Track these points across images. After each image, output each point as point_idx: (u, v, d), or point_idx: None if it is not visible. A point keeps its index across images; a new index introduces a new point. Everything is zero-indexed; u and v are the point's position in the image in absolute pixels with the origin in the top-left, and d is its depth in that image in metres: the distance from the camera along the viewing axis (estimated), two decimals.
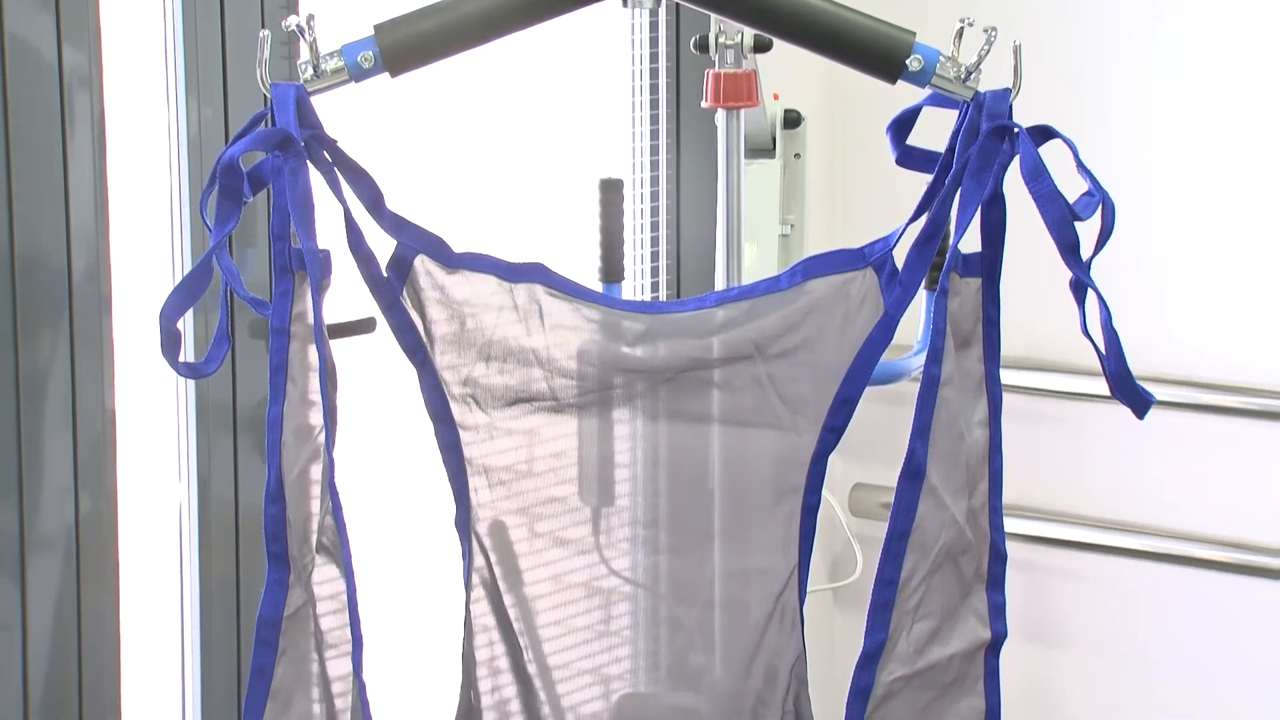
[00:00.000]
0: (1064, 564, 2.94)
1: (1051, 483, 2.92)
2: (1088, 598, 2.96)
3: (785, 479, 1.63)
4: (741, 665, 1.66)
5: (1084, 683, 2.98)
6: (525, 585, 1.68)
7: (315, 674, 1.60)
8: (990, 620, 1.58)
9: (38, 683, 2.09)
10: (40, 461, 2.06)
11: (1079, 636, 2.98)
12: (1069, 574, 2.95)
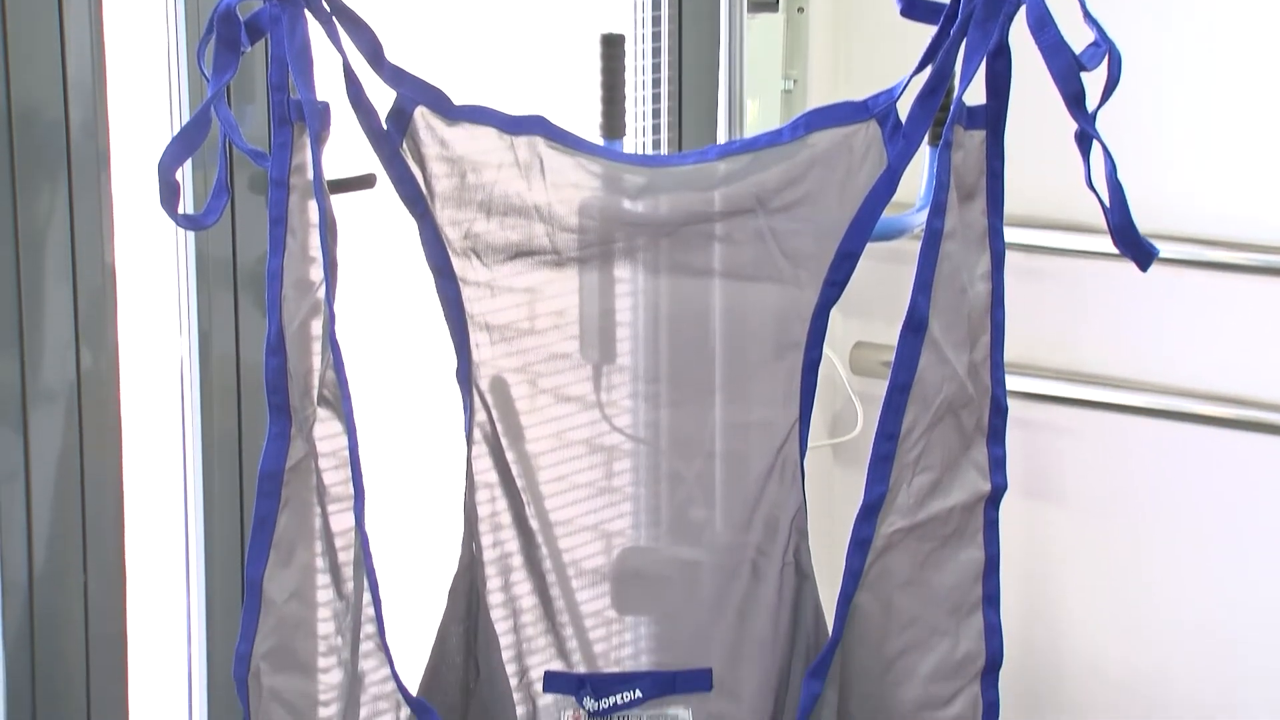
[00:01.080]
0: (1063, 421, 2.95)
1: (1051, 340, 2.92)
2: (1087, 455, 2.97)
3: (786, 333, 1.63)
4: (742, 518, 1.67)
5: (1082, 539, 3.00)
6: (527, 442, 1.69)
7: (318, 527, 1.60)
8: (990, 473, 1.59)
9: (41, 534, 2.10)
10: (40, 316, 2.06)
11: (1077, 493, 2.99)
12: (1068, 431, 2.96)
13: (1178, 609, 2.93)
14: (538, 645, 1.72)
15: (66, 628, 2.14)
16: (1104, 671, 2.99)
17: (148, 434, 2.23)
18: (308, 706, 1.60)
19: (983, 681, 1.61)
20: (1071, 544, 3.01)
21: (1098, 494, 2.97)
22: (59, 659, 2.14)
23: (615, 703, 1.67)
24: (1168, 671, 2.95)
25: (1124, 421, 2.88)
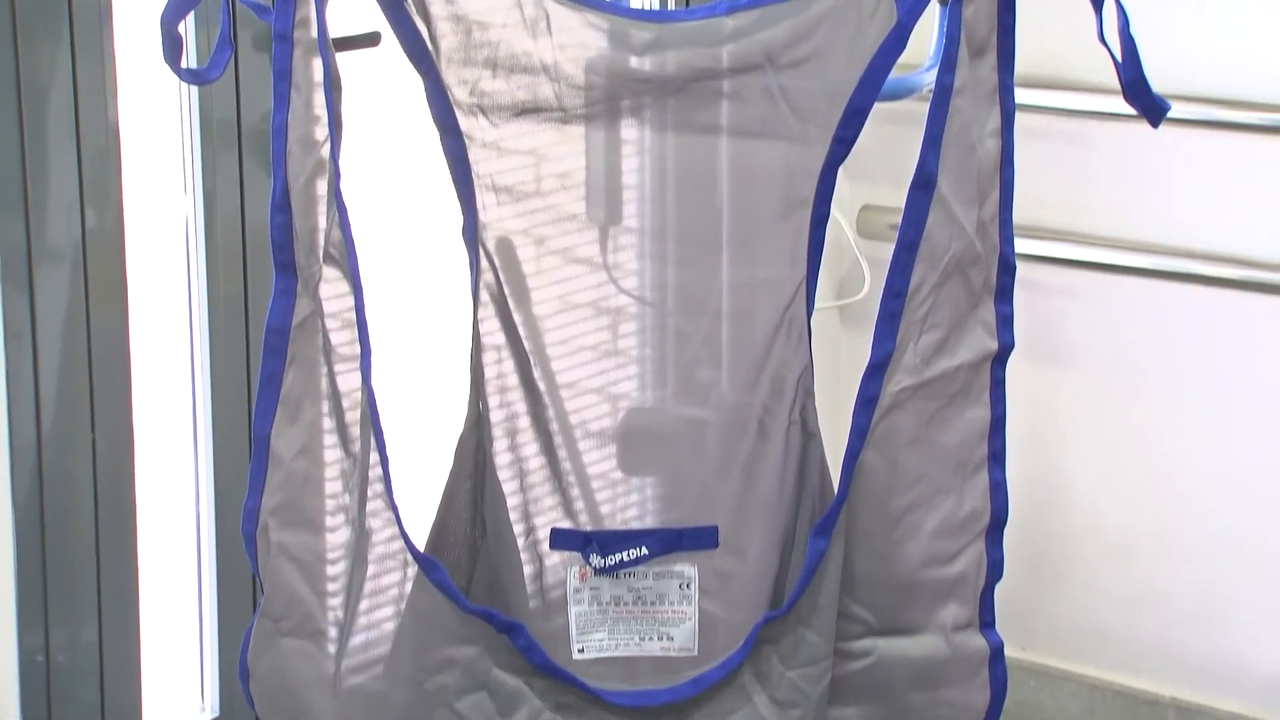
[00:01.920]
0: (1070, 284, 2.94)
1: (1059, 202, 2.91)
2: (1091, 317, 2.96)
3: (794, 190, 1.62)
4: (748, 377, 1.67)
5: (1085, 402, 3.00)
6: (533, 304, 1.68)
7: (324, 386, 1.61)
8: (997, 331, 1.59)
9: (49, 394, 2.10)
10: (45, 176, 2.05)
11: (1081, 356, 2.99)
12: (1075, 294, 2.95)
13: (1179, 471, 2.93)
14: (544, 504, 1.72)
15: (75, 488, 2.15)
16: (1104, 533, 3.00)
17: (153, 294, 2.23)
18: (315, 562, 1.61)
19: (987, 539, 1.62)
20: (1074, 407, 3.02)
21: (1102, 357, 2.97)
22: (68, 519, 2.15)
23: (621, 559, 1.68)
24: (1167, 533, 2.96)
25: (1129, 284, 2.88)
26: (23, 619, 2.12)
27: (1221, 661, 2.94)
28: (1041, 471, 3.03)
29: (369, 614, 1.62)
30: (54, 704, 2.16)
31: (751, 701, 1.61)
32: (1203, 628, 2.94)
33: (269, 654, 1.61)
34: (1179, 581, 2.95)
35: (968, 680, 1.61)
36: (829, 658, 1.60)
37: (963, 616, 1.61)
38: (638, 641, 1.69)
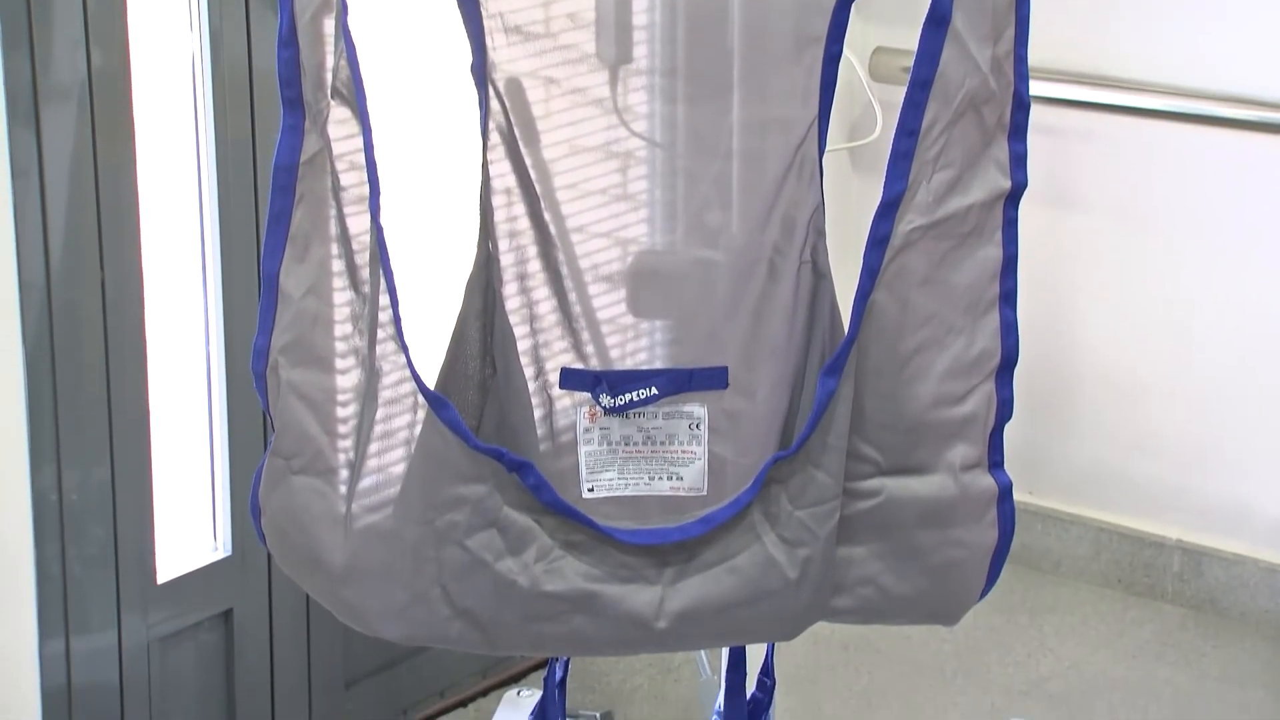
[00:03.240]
0: (1087, 126, 2.93)
1: (1073, 43, 2.88)
2: (1107, 160, 2.95)
3: (807, 26, 1.60)
4: (759, 217, 1.66)
5: (1099, 246, 2.99)
6: (543, 147, 1.67)
7: (333, 226, 1.60)
8: (1011, 170, 1.57)
9: (57, 231, 2.10)
10: (50, 13, 2.03)
11: (1096, 200, 2.98)
12: (1091, 136, 2.94)
13: (1189, 316, 2.93)
14: (554, 347, 1.72)
15: (85, 327, 2.15)
16: (1113, 377, 3.01)
17: (160, 132, 2.22)
18: (326, 401, 1.61)
19: (997, 379, 1.61)
20: (1088, 252, 3.01)
21: (1116, 201, 2.96)
22: (78, 358, 2.15)
23: (631, 399, 1.68)
24: (1175, 377, 2.96)
25: (1145, 126, 2.86)
26: (35, 458, 2.13)
27: (1227, 504, 2.95)
28: (1051, 316, 3.03)
29: (379, 456, 1.62)
30: (67, 542, 2.17)
31: (760, 540, 1.61)
32: (1209, 471, 2.95)
33: (280, 491, 1.62)
34: (1186, 425, 2.96)
35: (976, 519, 1.62)
36: (838, 497, 1.61)
37: (972, 456, 1.61)
38: (647, 481, 1.69)
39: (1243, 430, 2.92)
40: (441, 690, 2.66)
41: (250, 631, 2.39)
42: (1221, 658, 2.84)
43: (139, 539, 2.25)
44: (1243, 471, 2.93)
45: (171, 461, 2.32)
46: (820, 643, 2.84)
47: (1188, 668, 2.81)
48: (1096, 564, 3.05)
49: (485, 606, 1.60)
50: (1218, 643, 2.88)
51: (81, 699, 2.21)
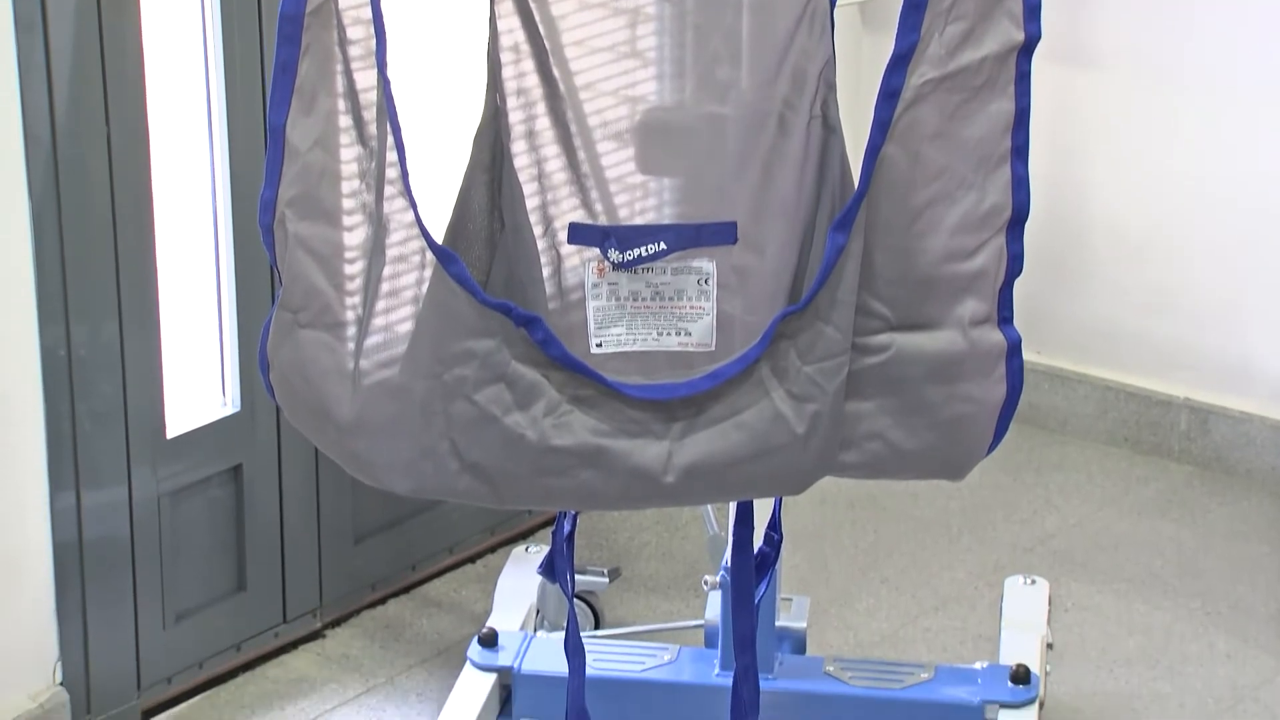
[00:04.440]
0: None
1: None
2: (1124, 13, 2.92)
3: None
4: (769, 71, 1.65)
5: (1112, 104, 2.97)
6: (551, 3, 1.65)
7: (340, 79, 1.59)
8: (1024, 21, 1.55)
9: (62, 85, 2.08)
10: None
11: (1112, 52, 2.95)
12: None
13: (1201, 174, 2.91)
14: (563, 202, 1.71)
15: (91, 181, 2.14)
16: (1123, 235, 3.00)
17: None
18: (333, 255, 1.61)
19: (1008, 234, 1.60)
20: (1102, 107, 2.99)
21: (1130, 55, 2.93)
22: (85, 213, 2.14)
23: (640, 255, 1.67)
24: (1186, 235, 2.95)
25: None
26: (43, 314, 2.13)
27: (1235, 362, 2.95)
28: (1062, 172, 3.01)
29: (386, 314, 1.62)
30: (76, 398, 2.18)
31: (769, 396, 1.61)
32: (1218, 329, 2.95)
33: (288, 345, 1.62)
34: (1196, 283, 2.95)
35: (985, 375, 1.62)
36: (846, 353, 1.60)
37: (981, 311, 1.61)
38: (655, 337, 1.69)
39: (1253, 288, 2.91)
40: (450, 547, 2.68)
41: (259, 487, 2.40)
42: (1227, 514, 2.85)
43: (148, 394, 2.25)
44: (1252, 330, 2.92)
45: (179, 317, 2.32)
46: (827, 501, 2.86)
47: (1193, 524, 2.82)
48: (1103, 423, 3.06)
49: (493, 460, 1.60)
50: (1223, 499, 2.89)
51: (92, 552, 2.22)
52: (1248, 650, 2.50)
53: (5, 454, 2.13)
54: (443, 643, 2.52)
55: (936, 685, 2.17)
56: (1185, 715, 2.36)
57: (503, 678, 2.21)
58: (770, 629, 2.16)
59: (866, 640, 2.52)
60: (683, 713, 2.21)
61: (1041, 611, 2.31)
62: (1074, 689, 2.40)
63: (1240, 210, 2.89)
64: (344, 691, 2.41)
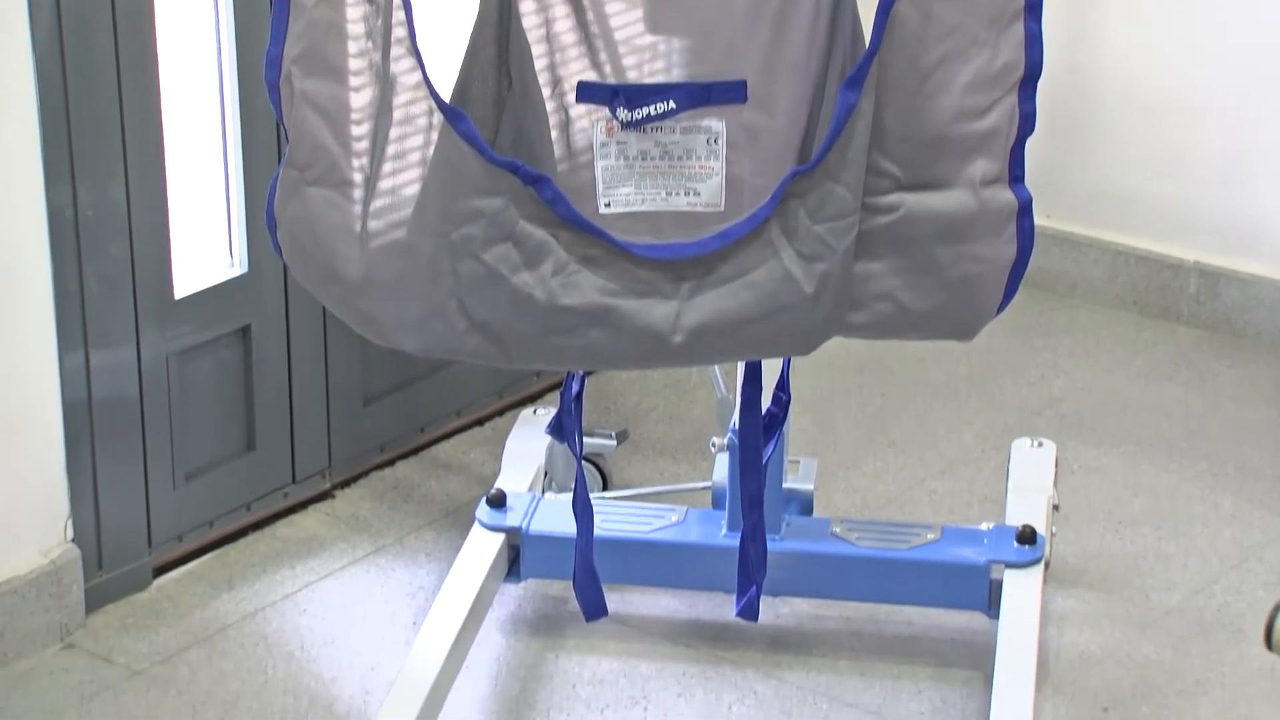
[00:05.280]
0: None
1: None
2: None
3: None
4: None
5: None
6: None
7: None
8: None
9: None
10: None
11: None
12: None
13: (1217, 34, 2.89)
14: (571, 63, 1.70)
15: (96, 38, 2.12)
16: (1136, 96, 2.97)
17: None
18: (340, 112, 1.60)
19: (1020, 92, 1.60)
20: None
21: None
22: (90, 71, 2.13)
23: (648, 113, 1.66)
24: (1199, 96, 2.93)
25: None
26: (49, 174, 2.12)
27: (1245, 225, 2.94)
28: (1075, 30, 2.98)
29: (393, 177, 1.61)
30: (84, 258, 2.17)
31: (778, 255, 1.61)
32: (1228, 193, 2.93)
33: (295, 203, 1.62)
34: (1209, 145, 2.94)
35: (995, 235, 1.61)
36: (856, 212, 1.60)
37: (992, 171, 1.60)
38: (664, 196, 1.68)
39: (1265, 151, 2.89)
40: (458, 409, 2.69)
41: (267, 347, 2.40)
42: (1235, 377, 2.85)
43: (155, 255, 2.25)
44: (1263, 192, 2.91)
45: (186, 178, 2.31)
46: (834, 365, 2.86)
47: (1201, 387, 2.83)
48: (1113, 286, 3.05)
49: (502, 319, 1.60)
50: (1232, 362, 2.89)
51: (102, 412, 2.23)
52: (1253, 511, 2.51)
53: (13, 315, 2.13)
54: (451, 504, 2.53)
55: (943, 546, 2.18)
56: (1190, 575, 2.37)
57: (511, 538, 2.23)
58: (777, 491, 2.17)
59: (873, 502, 2.53)
60: (690, 573, 2.22)
61: (1048, 473, 2.32)
62: (1080, 550, 2.42)
63: (1255, 74, 2.86)
64: (353, 551, 2.42)
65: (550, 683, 2.18)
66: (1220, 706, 2.14)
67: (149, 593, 2.33)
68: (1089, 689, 2.17)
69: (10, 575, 2.17)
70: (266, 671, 2.19)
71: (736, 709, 2.14)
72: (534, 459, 2.37)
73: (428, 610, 2.12)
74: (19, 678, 2.17)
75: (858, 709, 2.14)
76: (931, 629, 2.27)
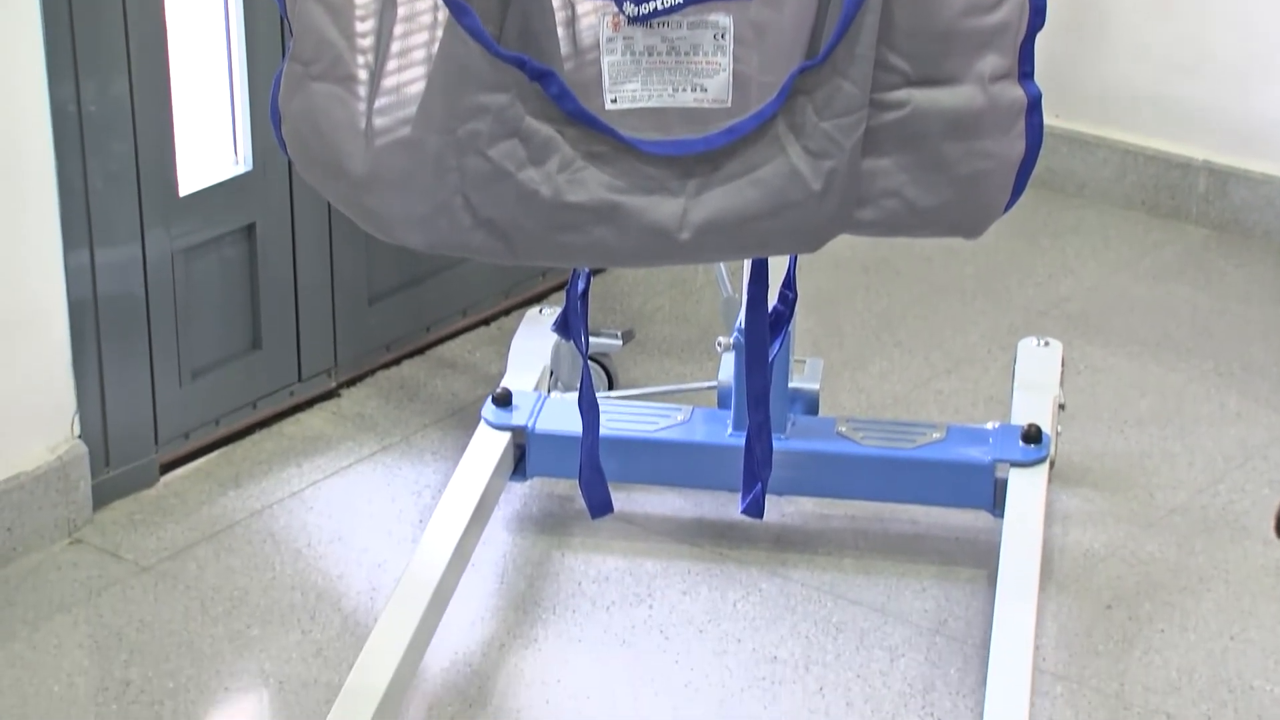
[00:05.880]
0: None
1: None
2: None
3: None
4: None
5: None
6: None
7: None
8: None
9: None
10: None
11: None
12: None
13: None
14: None
15: None
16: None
17: None
18: (344, 6, 1.59)
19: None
20: None
21: None
22: None
23: (655, 8, 1.64)
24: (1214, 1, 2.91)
25: None
26: (52, 70, 2.11)
27: (1255, 125, 2.93)
28: None
29: (397, 74, 1.60)
30: (88, 155, 2.17)
31: (785, 152, 1.60)
32: (1240, 91, 2.92)
33: (299, 97, 1.60)
34: (1221, 44, 2.92)
35: (1004, 131, 1.60)
36: (864, 108, 1.59)
37: (1001, 67, 1.59)
38: (671, 93, 1.67)
39: (1277, 50, 2.87)
40: (464, 309, 2.69)
41: (273, 246, 2.40)
42: (1243, 277, 2.85)
43: (159, 152, 2.24)
44: (1274, 92, 2.89)
45: (190, 74, 2.29)
46: (840, 265, 2.85)
47: (1209, 287, 2.82)
48: (1121, 186, 3.04)
49: (508, 216, 1.60)
50: (1240, 262, 2.89)
51: (107, 309, 2.23)
52: (1259, 410, 2.51)
53: (18, 211, 2.12)
54: (457, 403, 2.53)
55: (948, 445, 2.18)
56: (1195, 474, 2.37)
57: (517, 437, 2.23)
58: (783, 390, 2.17)
59: (879, 403, 2.54)
60: (695, 472, 2.23)
61: (1054, 372, 2.32)
62: (1085, 449, 2.42)
63: None
64: (359, 449, 2.43)
65: (556, 580, 2.19)
66: (1223, 603, 2.15)
67: (156, 489, 2.34)
68: (1093, 587, 2.18)
69: (18, 471, 2.18)
70: (274, 568, 2.20)
71: (741, 606, 2.15)
72: (540, 358, 2.37)
73: (434, 508, 2.13)
74: (28, 572, 2.19)
75: (862, 606, 2.15)
76: (936, 528, 2.28)
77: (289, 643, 2.09)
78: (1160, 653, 2.08)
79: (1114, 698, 2.01)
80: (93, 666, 2.06)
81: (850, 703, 2.00)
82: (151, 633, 2.10)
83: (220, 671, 2.04)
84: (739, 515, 1.95)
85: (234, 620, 2.12)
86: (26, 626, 2.11)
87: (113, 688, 2.02)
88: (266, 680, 2.04)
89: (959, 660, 2.07)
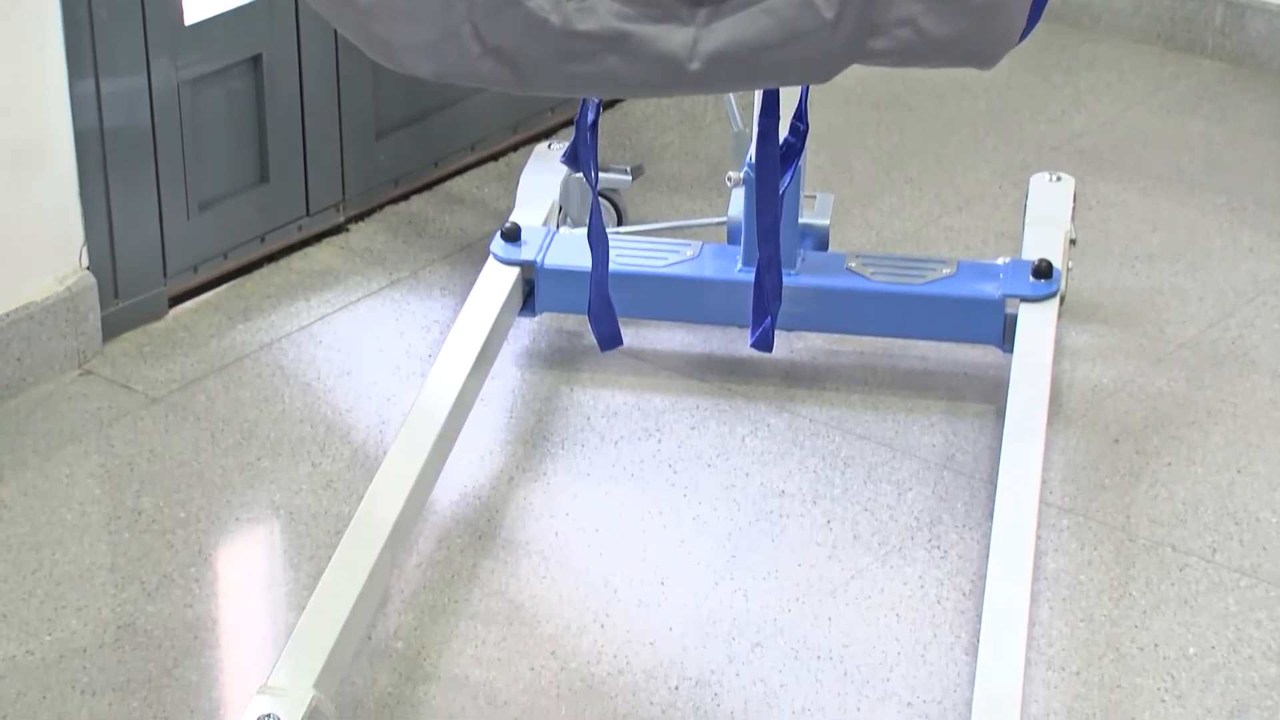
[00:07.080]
0: None
1: None
2: None
3: None
4: None
5: None
6: None
7: None
8: None
9: None
10: None
11: None
12: None
13: None
14: None
15: None
16: None
17: None
18: None
19: None
20: None
21: None
22: None
23: None
24: None
25: None
26: None
27: None
28: None
29: None
30: None
31: None
32: None
33: None
34: None
35: None
36: None
37: None
38: None
39: None
40: (472, 144, 2.67)
41: (279, 77, 2.38)
42: (1258, 111, 2.82)
43: None
44: None
45: None
46: (852, 102, 2.83)
47: (1223, 121, 2.80)
48: (1137, 19, 3.00)
49: (516, 44, 1.58)
50: (1255, 96, 2.86)
51: (114, 140, 2.21)
52: (1270, 244, 2.50)
53: (23, 42, 2.10)
54: (465, 239, 2.52)
55: (958, 280, 2.18)
56: (1205, 308, 2.37)
57: (525, 272, 2.23)
58: (793, 225, 2.16)
59: (889, 239, 2.53)
60: (705, 306, 2.22)
61: (1066, 207, 2.31)
62: (1095, 284, 2.41)
63: None
64: (368, 284, 2.42)
65: (565, 415, 2.20)
66: (1230, 436, 2.16)
67: (165, 322, 2.34)
68: (1100, 421, 2.18)
69: (27, 301, 2.18)
70: (284, 400, 2.21)
71: (749, 441, 2.15)
72: (549, 193, 2.36)
73: (442, 344, 2.13)
74: (38, 402, 2.19)
75: (870, 441, 2.15)
76: (945, 363, 2.28)
77: (299, 475, 2.10)
78: (1167, 486, 2.09)
79: (1120, 530, 2.02)
80: (104, 496, 2.07)
81: (858, 535, 2.02)
82: (162, 463, 2.11)
83: (231, 502, 2.06)
84: (747, 351, 1.95)
85: (244, 452, 2.13)
86: (38, 456, 2.12)
87: (124, 516, 2.04)
88: (277, 511, 2.05)
89: (966, 494, 2.08)
